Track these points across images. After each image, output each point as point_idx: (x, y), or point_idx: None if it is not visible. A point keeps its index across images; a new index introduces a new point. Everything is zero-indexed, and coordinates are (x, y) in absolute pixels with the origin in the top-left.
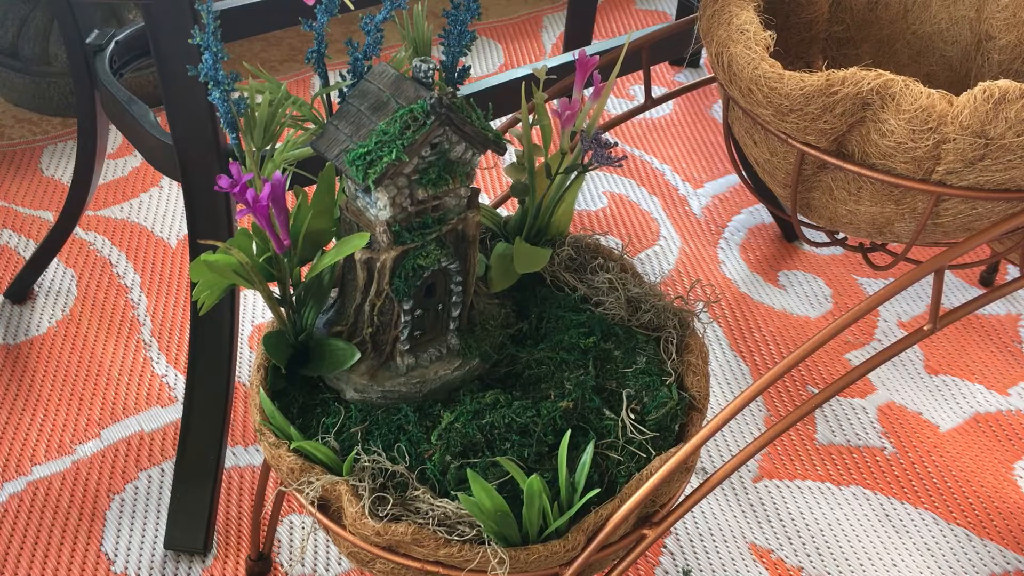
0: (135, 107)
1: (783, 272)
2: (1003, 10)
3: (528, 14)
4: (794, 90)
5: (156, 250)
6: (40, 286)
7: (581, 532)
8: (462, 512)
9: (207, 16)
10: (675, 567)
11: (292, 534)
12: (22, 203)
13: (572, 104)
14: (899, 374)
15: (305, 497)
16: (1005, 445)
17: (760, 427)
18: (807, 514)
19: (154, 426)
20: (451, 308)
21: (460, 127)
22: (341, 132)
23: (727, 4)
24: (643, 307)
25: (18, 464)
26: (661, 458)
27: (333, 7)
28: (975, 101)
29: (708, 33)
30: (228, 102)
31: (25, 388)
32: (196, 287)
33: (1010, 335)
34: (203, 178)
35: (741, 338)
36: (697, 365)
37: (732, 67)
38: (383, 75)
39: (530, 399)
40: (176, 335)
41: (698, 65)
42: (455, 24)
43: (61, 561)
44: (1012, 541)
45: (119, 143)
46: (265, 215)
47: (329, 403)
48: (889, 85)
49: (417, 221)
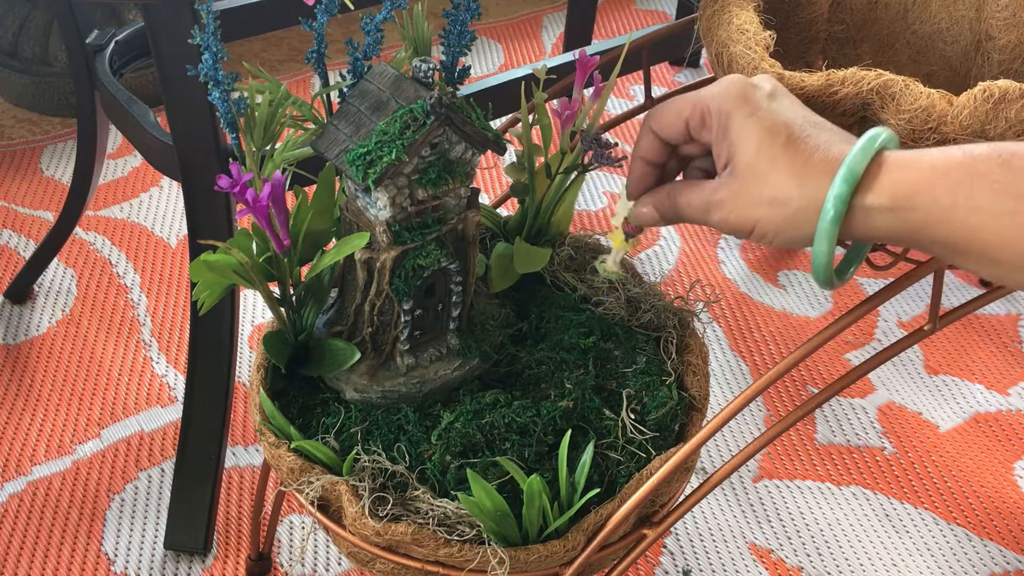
0: (135, 107)
1: (783, 272)
2: (1003, 10)
3: (528, 14)
4: (794, 90)
5: (156, 250)
6: (40, 286)
7: (581, 532)
8: (462, 512)
9: (207, 16)
10: (675, 567)
11: (292, 534)
12: (22, 203)
13: (572, 104)
14: (899, 374)
15: (305, 497)
16: (1005, 445)
17: (760, 427)
18: (807, 514)
19: (154, 426)
20: (451, 308)
21: (460, 127)
22: (341, 132)
23: (727, 4)
24: (643, 307)
25: (18, 464)
26: (661, 458)
27: (333, 7)
28: (975, 101)
29: (708, 33)
30: (228, 102)
31: (25, 388)
32: (196, 287)
33: (1010, 335)
34: (203, 178)
35: (741, 338)
36: (697, 365)
37: (732, 67)
38: (383, 75)
39: (530, 399)
40: (176, 335)
41: (698, 65)
42: (455, 24)
43: (61, 561)
44: (1012, 541)
45: (119, 143)
46: (265, 215)
47: (329, 403)
48: (889, 85)
49: (417, 221)
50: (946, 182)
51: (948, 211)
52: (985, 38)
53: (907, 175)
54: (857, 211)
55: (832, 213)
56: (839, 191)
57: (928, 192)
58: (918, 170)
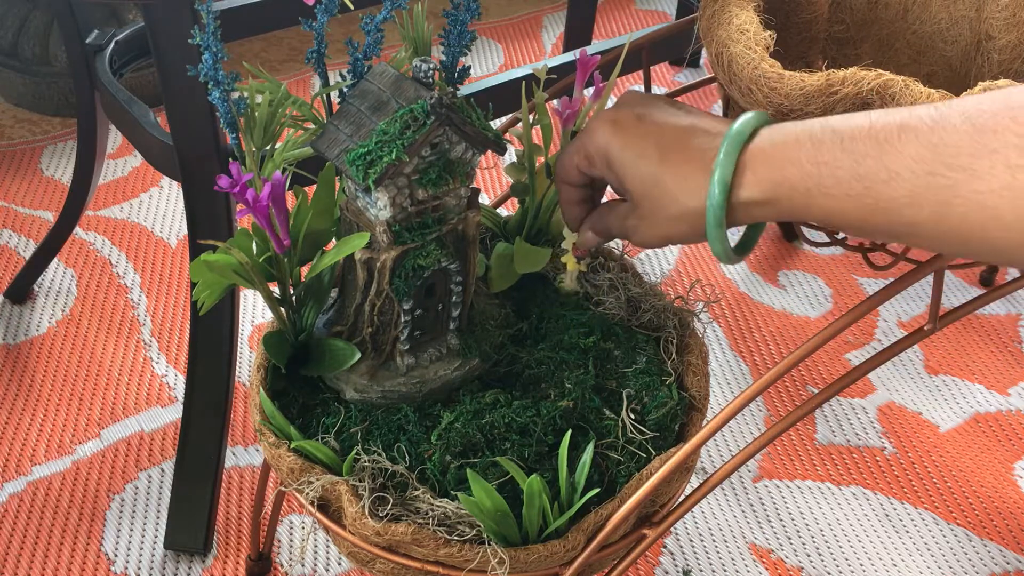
0: (135, 107)
1: (783, 272)
2: (1003, 10)
3: (528, 14)
4: (794, 90)
5: (156, 250)
6: (40, 286)
7: (581, 532)
8: (462, 512)
9: (207, 16)
10: (675, 567)
11: (292, 534)
12: (22, 203)
13: (573, 104)
14: (899, 374)
15: (305, 497)
16: (1005, 445)
17: (760, 427)
18: (807, 514)
19: (154, 426)
20: (451, 308)
21: (460, 127)
22: (341, 132)
23: (727, 4)
24: (643, 307)
25: (18, 464)
26: (661, 458)
27: (333, 7)
28: None
29: (708, 33)
30: (228, 102)
31: (25, 388)
32: (196, 287)
33: (1010, 335)
34: (203, 178)
35: (741, 338)
36: (697, 365)
37: (732, 67)
38: (383, 75)
39: (530, 399)
40: (176, 335)
41: (698, 65)
42: (455, 24)
43: (61, 561)
44: (1012, 541)
45: (119, 143)
46: (265, 215)
47: (329, 403)
48: (889, 85)
49: (417, 221)
50: (800, 173)
51: (808, 198)
52: (985, 38)
53: (770, 171)
54: (737, 208)
55: (713, 219)
56: (715, 200)
57: (788, 184)
58: (779, 162)
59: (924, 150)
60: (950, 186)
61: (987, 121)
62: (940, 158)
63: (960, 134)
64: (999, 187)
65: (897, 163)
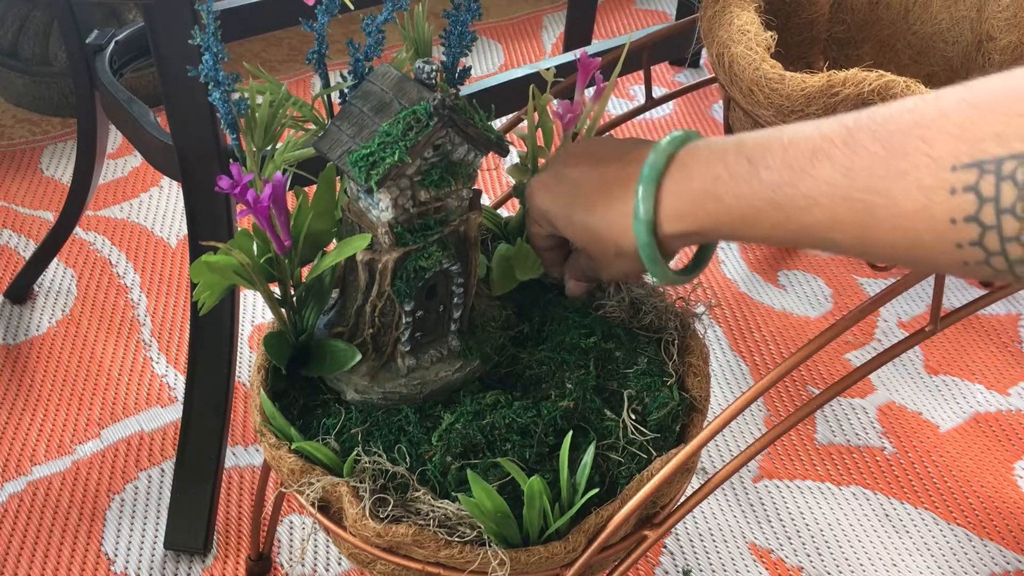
0: (135, 107)
1: (783, 272)
2: (1004, 11)
3: (528, 14)
4: (795, 91)
5: (156, 250)
6: (40, 286)
7: (582, 533)
8: (463, 513)
9: (207, 16)
10: (675, 567)
11: (292, 534)
12: (22, 203)
13: (574, 106)
14: (899, 374)
15: (306, 498)
16: (1005, 445)
17: (760, 427)
18: (807, 514)
19: (154, 426)
20: (452, 310)
21: (463, 128)
22: (344, 133)
23: (728, 5)
24: (645, 308)
25: (18, 464)
26: (662, 459)
27: (333, 7)
28: None
29: (709, 34)
30: (228, 102)
31: (25, 388)
32: (196, 288)
33: (1010, 335)
34: (203, 178)
35: (741, 338)
36: (698, 366)
37: (733, 68)
38: (386, 76)
39: (531, 399)
40: (176, 335)
41: (698, 65)
42: (456, 24)
43: (61, 561)
44: (1012, 541)
45: (119, 143)
46: (266, 216)
47: (330, 404)
48: (890, 86)
49: (419, 222)
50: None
51: (734, 229)
52: (986, 39)
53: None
54: (669, 241)
55: (647, 257)
56: (643, 240)
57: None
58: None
59: (838, 175)
60: (868, 210)
61: (897, 143)
62: (854, 183)
63: (871, 156)
64: (915, 210)
65: (813, 189)
